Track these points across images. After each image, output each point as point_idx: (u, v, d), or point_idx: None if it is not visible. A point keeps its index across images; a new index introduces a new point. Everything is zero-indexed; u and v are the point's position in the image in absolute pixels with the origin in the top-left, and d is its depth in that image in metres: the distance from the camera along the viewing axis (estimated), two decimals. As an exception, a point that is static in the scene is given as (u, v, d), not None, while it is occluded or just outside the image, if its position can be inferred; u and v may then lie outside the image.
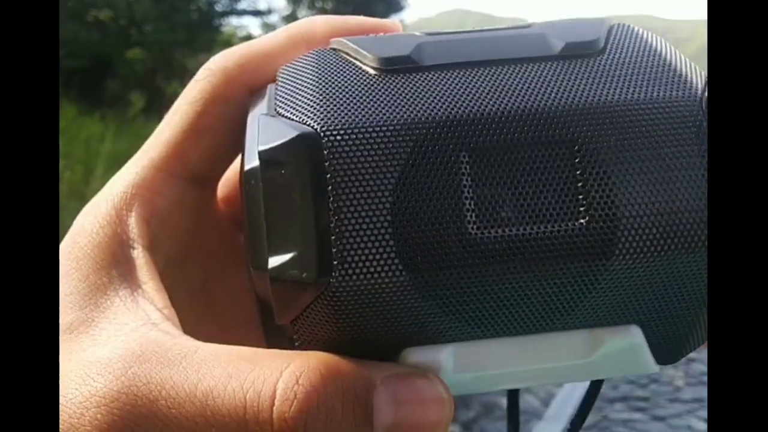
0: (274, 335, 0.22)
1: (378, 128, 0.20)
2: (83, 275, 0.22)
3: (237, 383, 0.19)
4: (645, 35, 0.23)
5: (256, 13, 8.98)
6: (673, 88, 0.21)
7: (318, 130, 0.20)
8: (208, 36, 7.79)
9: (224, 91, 0.24)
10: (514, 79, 0.21)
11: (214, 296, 0.27)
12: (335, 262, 0.19)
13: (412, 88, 0.21)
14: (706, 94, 0.21)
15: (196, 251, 0.26)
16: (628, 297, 0.21)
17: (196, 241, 0.26)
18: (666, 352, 0.23)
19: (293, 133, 0.20)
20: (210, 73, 0.24)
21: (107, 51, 6.47)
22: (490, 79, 0.21)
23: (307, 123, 0.20)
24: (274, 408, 0.18)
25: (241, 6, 8.44)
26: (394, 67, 0.22)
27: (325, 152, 0.20)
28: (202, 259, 0.27)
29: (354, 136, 0.20)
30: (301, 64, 0.23)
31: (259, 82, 0.24)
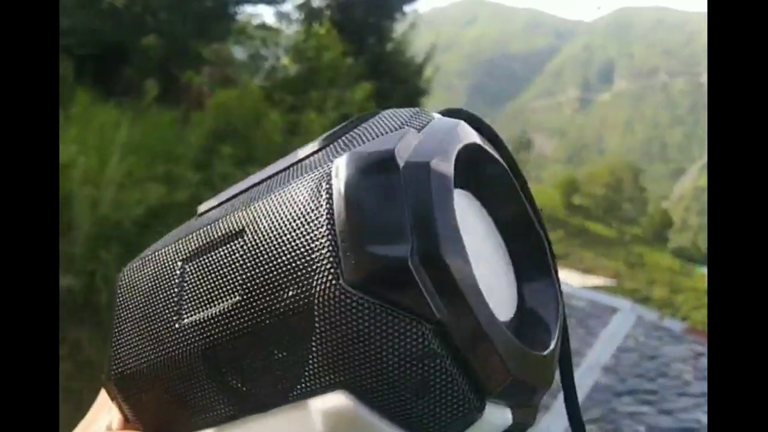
0: None
1: (145, 261, 0.28)
2: None
3: None
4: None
5: (271, 1, 8.94)
6: (323, 165, 0.24)
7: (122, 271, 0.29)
8: (222, 25, 7.78)
9: None
10: (241, 194, 0.27)
11: None
12: (112, 359, 0.27)
13: (190, 224, 0.28)
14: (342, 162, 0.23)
15: None
16: (318, 362, 0.22)
17: None
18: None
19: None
20: None
21: (121, 39, 6.47)
22: (230, 202, 0.27)
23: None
24: None
25: (255, -6, 8.41)
26: (201, 212, 0.29)
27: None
28: None
29: (132, 275, 0.28)
30: None
31: None
